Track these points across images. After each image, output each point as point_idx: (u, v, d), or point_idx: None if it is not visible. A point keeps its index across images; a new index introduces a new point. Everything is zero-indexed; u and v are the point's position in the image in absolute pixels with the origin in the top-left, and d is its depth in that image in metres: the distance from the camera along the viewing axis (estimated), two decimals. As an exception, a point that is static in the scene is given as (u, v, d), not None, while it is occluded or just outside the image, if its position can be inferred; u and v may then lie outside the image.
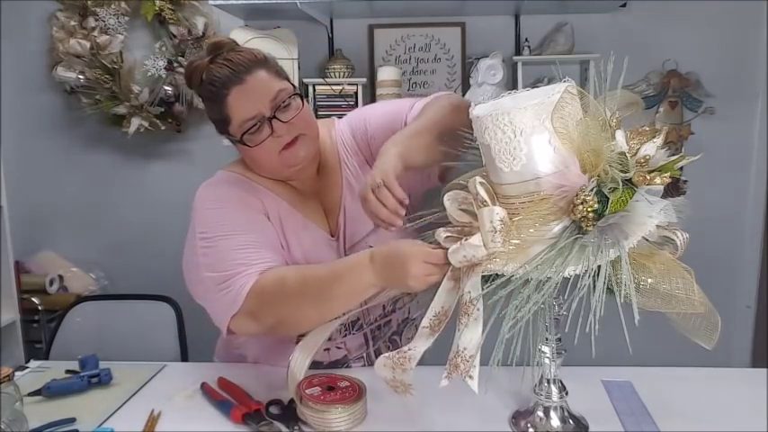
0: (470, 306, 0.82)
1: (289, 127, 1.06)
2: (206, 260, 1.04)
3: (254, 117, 1.04)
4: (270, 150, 1.06)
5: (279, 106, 1.05)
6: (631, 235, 0.78)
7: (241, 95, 1.04)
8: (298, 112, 1.07)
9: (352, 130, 1.20)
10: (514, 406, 1.01)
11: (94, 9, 2.32)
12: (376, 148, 1.07)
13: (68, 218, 2.53)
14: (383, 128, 1.14)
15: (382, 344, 1.23)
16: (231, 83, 1.04)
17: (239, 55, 1.06)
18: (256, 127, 1.05)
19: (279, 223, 1.12)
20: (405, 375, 0.90)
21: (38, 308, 2.28)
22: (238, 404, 1.03)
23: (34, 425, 0.97)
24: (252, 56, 1.07)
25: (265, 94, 1.05)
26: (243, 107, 1.04)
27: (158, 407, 1.06)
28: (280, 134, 1.05)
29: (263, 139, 1.05)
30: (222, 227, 1.06)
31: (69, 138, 2.49)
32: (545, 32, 2.26)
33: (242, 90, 1.04)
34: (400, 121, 1.13)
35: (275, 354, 1.19)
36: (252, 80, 1.04)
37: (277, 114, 1.05)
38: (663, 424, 0.96)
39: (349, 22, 2.32)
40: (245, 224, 1.07)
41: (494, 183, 0.86)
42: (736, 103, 2.27)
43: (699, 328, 0.81)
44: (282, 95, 1.06)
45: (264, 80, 1.06)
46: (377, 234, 1.11)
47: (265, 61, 1.08)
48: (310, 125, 1.11)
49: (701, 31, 2.24)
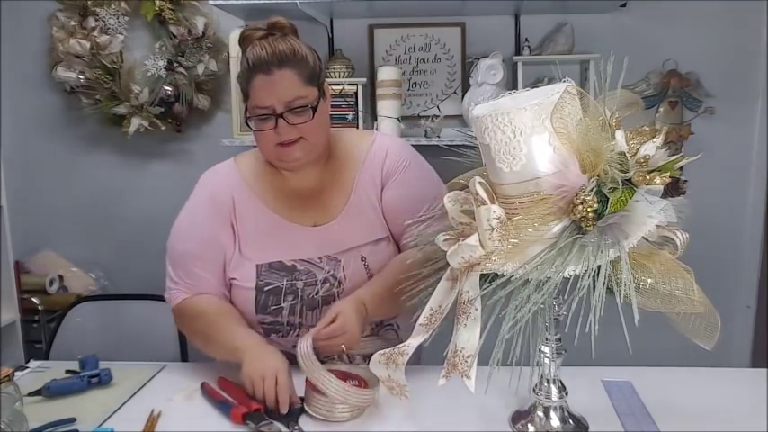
0: (469, 306, 0.82)
1: (292, 129, 1.12)
2: (174, 242, 1.24)
3: (265, 108, 1.11)
4: (269, 140, 1.14)
5: (291, 109, 1.11)
6: (631, 235, 0.78)
7: (263, 85, 1.10)
8: (306, 120, 1.12)
9: (386, 164, 1.24)
10: (514, 406, 1.01)
11: (94, 9, 2.32)
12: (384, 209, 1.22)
13: (68, 218, 2.52)
14: (398, 204, 1.21)
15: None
16: (260, 69, 1.10)
17: (283, 45, 1.11)
18: (264, 116, 1.11)
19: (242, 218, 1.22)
20: (399, 373, 0.90)
21: (38, 308, 2.28)
22: (238, 404, 1.03)
23: (34, 425, 0.97)
24: (292, 52, 1.11)
25: (284, 94, 1.10)
26: (260, 95, 1.11)
27: (158, 407, 1.06)
28: (281, 132, 1.12)
29: (265, 128, 1.12)
30: (190, 231, 1.23)
31: (69, 138, 2.49)
32: (545, 32, 2.26)
33: (266, 80, 1.10)
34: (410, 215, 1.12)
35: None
36: (278, 76, 1.10)
37: (286, 115, 1.10)
38: (663, 424, 0.96)
39: (349, 22, 2.32)
40: (205, 240, 1.21)
41: (493, 183, 0.86)
42: (736, 103, 2.27)
43: (699, 328, 0.81)
44: (298, 102, 1.11)
45: (289, 81, 1.10)
46: (371, 246, 1.20)
47: (301, 62, 1.12)
48: (317, 133, 1.16)
49: (700, 31, 2.24)
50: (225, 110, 2.39)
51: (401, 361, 0.90)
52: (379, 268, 1.20)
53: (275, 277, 1.18)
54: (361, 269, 1.20)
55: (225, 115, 2.38)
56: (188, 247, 1.22)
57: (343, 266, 1.19)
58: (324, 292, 1.18)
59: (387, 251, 1.20)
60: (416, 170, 1.25)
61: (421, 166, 1.27)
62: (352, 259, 1.19)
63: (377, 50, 2.34)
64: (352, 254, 1.19)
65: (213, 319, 1.17)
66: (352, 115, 2.14)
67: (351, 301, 1.11)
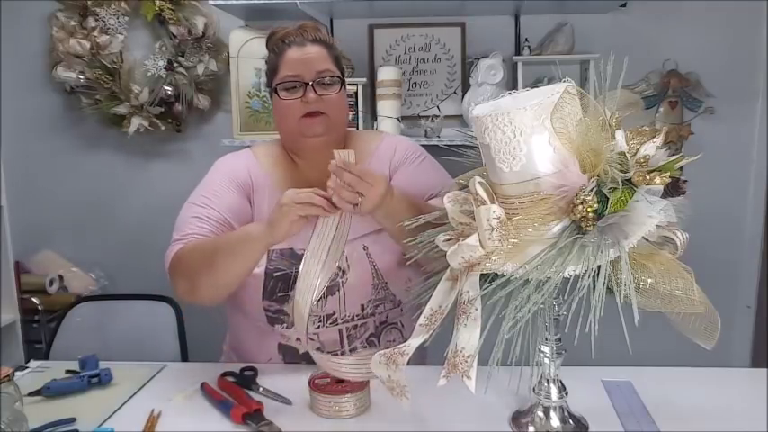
0: (469, 306, 0.82)
1: (318, 100, 1.18)
2: (184, 210, 1.23)
3: (295, 76, 1.19)
4: (293, 110, 1.19)
5: (320, 80, 1.19)
6: (631, 235, 0.78)
7: (296, 54, 1.20)
8: (333, 94, 1.20)
9: (396, 157, 1.29)
10: (514, 406, 1.01)
11: (94, 9, 2.32)
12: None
13: (68, 218, 2.52)
14: (410, 186, 1.21)
15: (359, 344, 1.23)
16: (294, 43, 1.21)
17: (314, 31, 1.23)
18: (293, 85, 1.19)
19: (263, 200, 1.25)
20: (399, 373, 0.90)
21: (38, 308, 2.28)
22: (238, 404, 1.03)
23: (34, 425, 0.96)
24: (323, 36, 1.24)
25: (315, 64, 1.19)
26: (292, 64, 1.19)
27: (158, 407, 1.06)
28: (308, 101, 1.18)
29: (292, 97, 1.19)
30: (205, 197, 1.23)
31: (69, 138, 2.49)
32: (545, 32, 2.26)
33: (299, 51, 1.20)
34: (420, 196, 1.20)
35: (257, 348, 1.26)
36: (311, 49, 1.21)
37: (315, 85, 1.18)
38: (663, 424, 0.96)
39: (349, 22, 2.32)
40: (217, 202, 1.21)
41: (493, 183, 0.86)
42: (736, 103, 2.27)
43: (699, 328, 0.81)
44: (327, 74, 1.20)
45: (320, 54, 1.21)
46: (374, 235, 1.19)
47: (330, 46, 1.24)
48: (339, 112, 1.24)
49: (701, 31, 2.24)
50: (225, 110, 2.40)
51: (401, 361, 0.90)
52: (381, 257, 1.21)
53: (286, 264, 1.19)
54: (364, 258, 1.21)
55: (225, 115, 2.38)
56: (202, 210, 1.21)
57: (347, 256, 1.20)
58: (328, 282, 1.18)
59: (388, 241, 1.20)
60: (429, 164, 1.32)
61: (433, 162, 1.33)
62: (355, 249, 1.20)
63: (377, 50, 2.34)
64: (355, 244, 1.20)
65: (212, 241, 1.15)
66: (352, 115, 2.14)
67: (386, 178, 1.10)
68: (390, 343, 1.06)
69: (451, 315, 0.86)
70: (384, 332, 1.26)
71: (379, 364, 0.92)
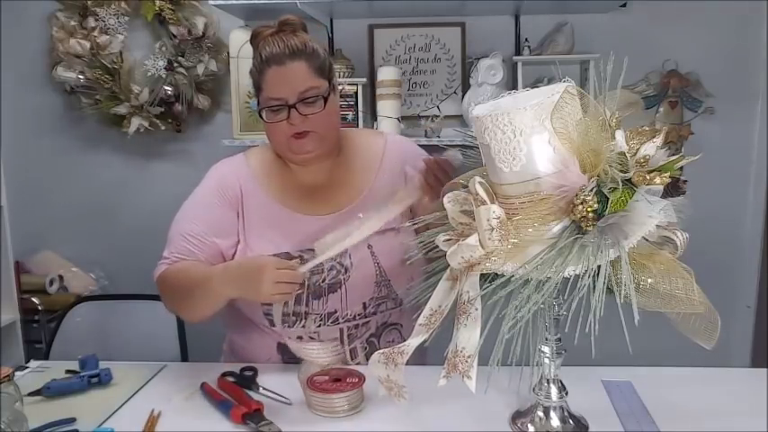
0: (469, 306, 0.82)
1: (304, 120, 1.15)
2: (174, 224, 1.24)
3: (278, 99, 1.14)
4: (281, 132, 1.17)
5: (304, 99, 1.14)
6: (631, 235, 0.78)
7: (276, 76, 1.14)
8: (318, 111, 1.15)
9: (406, 157, 1.28)
10: (514, 406, 1.01)
11: (94, 9, 2.32)
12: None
13: (68, 218, 2.52)
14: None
15: (359, 345, 1.23)
16: (273, 62, 1.14)
17: (294, 39, 1.16)
18: (277, 108, 1.15)
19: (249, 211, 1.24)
20: (397, 373, 0.90)
21: (38, 308, 2.28)
22: (238, 404, 1.03)
23: (34, 425, 0.96)
24: (303, 45, 1.16)
25: (296, 84, 1.14)
26: (273, 87, 1.15)
27: (158, 407, 1.06)
28: (294, 123, 1.15)
29: (278, 119, 1.16)
30: (194, 212, 1.23)
31: (69, 138, 2.49)
32: (545, 32, 2.26)
33: (279, 71, 1.14)
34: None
35: (257, 348, 1.26)
36: (291, 67, 1.14)
37: (299, 105, 1.14)
38: (663, 424, 0.96)
39: (349, 22, 2.32)
40: (208, 223, 1.22)
41: (493, 183, 0.86)
42: (736, 103, 2.27)
43: (699, 328, 0.81)
44: (311, 92, 1.15)
45: (301, 72, 1.14)
46: (380, 235, 1.17)
47: (312, 54, 1.16)
48: (327, 126, 1.19)
49: (701, 31, 2.24)
50: (225, 110, 2.40)
51: (400, 361, 0.90)
52: (385, 256, 1.21)
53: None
54: (368, 256, 1.21)
55: (225, 115, 2.38)
56: (188, 227, 1.22)
57: (350, 253, 1.19)
58: (330, 280, 1.19)
59: (394, 241, 1.20)
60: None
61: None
62: (360, 248, 1.19)
63: (377, 50, 2.34)
64: (360, 244, 1.17)
65: (186, 276, 1.16)
66: (352, 115, 2.14)
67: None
68: (390, 344, 1.06)
69: (451, 315, 0.86)
70: (384, 333, 1.26)
71: (378, 364, 0.92)
